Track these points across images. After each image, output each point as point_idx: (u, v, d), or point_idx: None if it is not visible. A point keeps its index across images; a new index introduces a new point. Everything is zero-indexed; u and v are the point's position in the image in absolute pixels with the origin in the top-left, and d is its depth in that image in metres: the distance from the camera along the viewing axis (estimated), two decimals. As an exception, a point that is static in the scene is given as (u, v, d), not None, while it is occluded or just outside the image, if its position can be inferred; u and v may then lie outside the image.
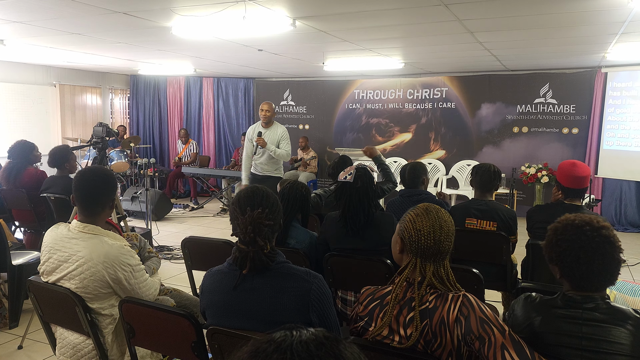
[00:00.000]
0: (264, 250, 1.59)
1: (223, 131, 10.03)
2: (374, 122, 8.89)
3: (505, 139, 8.00)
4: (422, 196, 3.60)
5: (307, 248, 2.77)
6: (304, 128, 9.47)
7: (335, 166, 4.00)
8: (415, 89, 8.52)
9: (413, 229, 1.62)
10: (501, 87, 7.93)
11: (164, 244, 5.94)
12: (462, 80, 8.20)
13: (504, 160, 7.80)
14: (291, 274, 1.67)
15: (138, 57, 7.27)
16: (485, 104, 8.07)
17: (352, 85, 8.99)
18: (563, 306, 1.50)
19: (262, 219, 1.62)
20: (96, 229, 2.17)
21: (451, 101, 8.27)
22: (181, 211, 8.29)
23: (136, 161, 8.26)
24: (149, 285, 2.26)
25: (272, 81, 9.73)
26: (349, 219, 2.75)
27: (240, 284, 1.67)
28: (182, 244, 3.02)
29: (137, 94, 10.22)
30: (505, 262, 3.17)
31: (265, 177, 5.68)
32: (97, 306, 2.13)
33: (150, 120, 10.30)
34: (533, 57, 6.51)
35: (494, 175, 3.30)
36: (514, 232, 3.27)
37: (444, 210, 1.65)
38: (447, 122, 8.35)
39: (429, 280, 1.58)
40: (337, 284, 2.76)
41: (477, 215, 3.27)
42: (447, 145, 8.40)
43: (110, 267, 2.09)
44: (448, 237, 1.60)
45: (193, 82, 10.05)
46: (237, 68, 8.29)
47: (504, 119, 7.97)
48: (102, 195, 2.20)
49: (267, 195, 1.74)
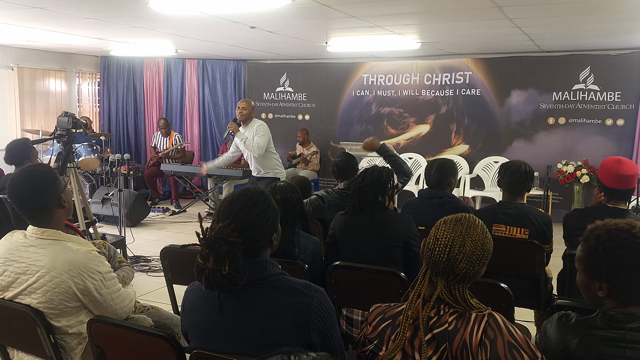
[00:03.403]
0: (221, 271, 1.58)
1: (209, 122, 10.04)
2: (386, 111, 8.89)
3: (538, 132, 7.99)
4: (444, 199, 3.59)
5: (310, 256, 2.78)
6: (304, 119, 9.48)
7: (339, 165, 4.01)
8: (433, 73, 8.51)
9: (433, 235, 1.64)
10: (534, 71, 7.91)
11: (140, 254, 5.94)
12: (489, 63, 8.19)
13: (537, 157, 7.79)
14: (288, 288, 1.68)
15: (110, 36, 7.28)
16: (515, 90, 8.06)
17: (360, 68, 8.99)
18: (603, 327, 1.50)
19: (225, 235, 1.61)
20: (56, 234, 2.17)
21: (476, 87, 8.27)
22: (160, 216, 8.31)
23: (107, 157, 8.28)
24: (124, 296, 2.26)
25: (266, 64, 9.73)
26: (354, 203, 2.93)
27: (227, 300, 1.68)
28: (162, 254, 3.03)
29: (108, 78, 10.23)
30: (539, 275, 3.17)
31: (260, 178, 5.77)
32: (63, 324, 2.13)
33: (124, 110, 10.31)
34: (572, 35, 6.50)
35: (526, 174, 3.30)
36: (549, 241, 3.27)
37: (485, 231, 1.63)
38: (471, 112, 8.34)
39: (439, 295, 1.58)
40: (341, 301, 2.76)
41: (506, 220, 3.27)
42: (471, 139, 8.40)
43: (77, 276, 2.09)
44: (470, 262, 1.58)
45: (174, 65, 10.06)
46: (226, 48, 8.29)
47: (537, 108, 7.96)
48: (43, 195, 2.19)
49: (252, 204, 1.72)
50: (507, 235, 3.26)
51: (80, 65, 9.94)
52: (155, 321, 2.60)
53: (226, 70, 9.86)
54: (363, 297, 2.68)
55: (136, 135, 10.41)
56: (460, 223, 1.62)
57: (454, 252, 1.58)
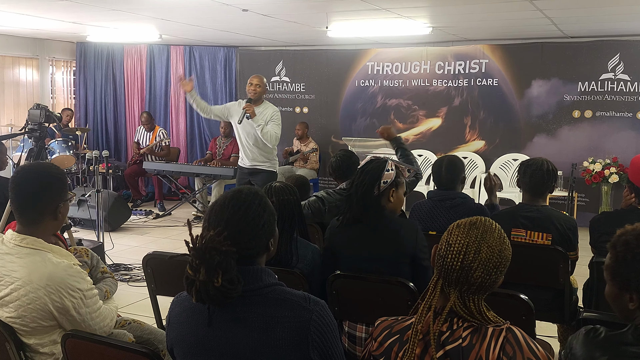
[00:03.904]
0: (214, 283, 1.59)
1: (197, 115, 10.01)
2: (393, 104, 8.89)
3: (562, 127, 7.99)
4: (456, 200, 3.60)
5: (309, 265, 2.78)
6: (302, 112, 9.48)
7: (338, 163, 4.00)
8: (446, 61, 8.51)
9: (445, 241, 1.64)
10: (558, 59, 7.91)
11: (120, 262, 5.93)
12: (507, 50, 8.19)
13: (561, 154, 7.79)
14: (285, 300, 1.68)
15: (87, 19, 7.27)
16: (536, 80, 8.06)
17: (365, 56, 8.99)
18: (635, 342, 1.50)
19: (217, 244, 1.61)
20: (37, 243, 2.18)
21: (493, 77, 8.27)
22: (142, 219, 8.31)
23: (84, 154, 8.28)
24: (104, 314, 2.26)
25: (260, 51, 9.73)
26: (348, 208, 2.85)
27: (218, 314, 1.68)
28: (144, 261, 3.02)
29: (85, 67, 10.23)
30: (563, 285, 3.17)
31: (255, 170, 5.65)
32: (34, 342, 2.14)
33: (102, 101, 10.31)
34: (599, 19, 6.50)
35: (548, 173, 3.30)
36: (574, 247, 3.27)
37: (503, 237, 1.63)
38: (487, 105, 8.34)
39: (452, 308, 1.58)
40: (343, 314, 2.76)
41: (526, 225, 3.27)
42: (487, 135, 8.40)
43: (54, 292, 2.09)
44: (486, 270, 1.58)
45: (158, 52, 10.06)
46: (215, 33, 8.29)
47: (560, 100, 7.96)
48: (41, 199, 2.21)
49: (246, 207, 1.72)
50: (527, 240, 3.26)
51: (54, 53, 9.94)
52: (137, 336, 2.60)
53: (216, 57, 9.86)
54: (368, 310, 2.68)
55: (116, 130, 10.41)
56: (475, 227, 1.62)
57: (469, 260, 1.58)
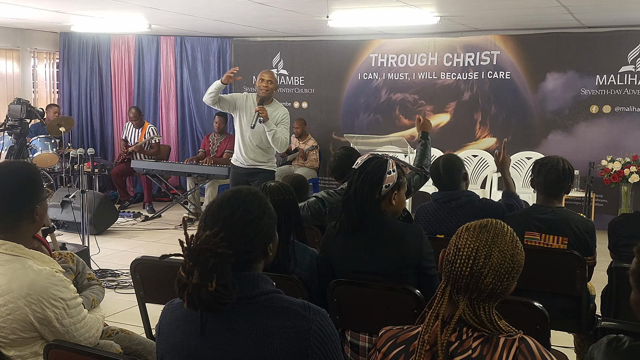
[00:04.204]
0: (207, 287, 1.58)
1: (189, 110, 10.04)
2: (398, 98, 8.89)
3: (579, 123, 7.99)
4: (462, 200, 3.61)
5: (308, 271, 2.77)
6: (301, 107, 9.48)
7: (338, 162, 3.98)
8: (454, 52, 8.51)
9: (454, 245, 1.64)
10: (574, 51, 7.91)
11: (107, 267, 5.92)
12: (520, 41, 8.19)
13: (577, 152, 7.79)
14: (283, 309, 1.68)
15: (71, 8, 7.27)
16: (551, 73, 8.06)
17: (368, 47, 8.99)
18: (660, 353, 1.50)
19: (213, 245, 1.61)
20: (17, 249, 2.17)
21: (505, 70, 8.27)
22: (130, 222, 8.30)
23: (68, 152, 8.27)
24: (89, 325, 2.26)
25: (256, 41, 9.72)
26: (344, 216, 2.78)
27: (211, 322, 1.68)
28: (132, 267, 3.02)
29: (69, 59, 10.23)
30: (580, 292, 3.16)
31: (254, 171, 5.64)
32: (14, 354, 2.13)
33: (87, 96, 10.31)
34: (618, 8, 6.49)
35: (564, 173, 3.30)
36: (592, 251, 3.27)
37: (516, 240, 1.62)
38: (498, 99, 8.34)
39: (461, 316, 1.58)
40: (345, 323, 2.75)
41: (541, 227, 3.27)
42: (498, 131, 8.39)
43: (36, 302, 2.09)
44: (498, 276, 1.58)
45: (147, 43, 10.06)
46: (208, 23, 8.29)
47: (577, 94, 7.96)
48: (15, 202, 2.20)
49: (245, 208, 1.72)
50: (541, 244, 3.26)
51: (36, 44, 9.94)
52: (124, 347, 2.60)
53: (209, 49, 9.86)
54: (371, 319, 2.67)
55: (102, 126, 10.41)
56: (486, 230, 1.62)
57: (479, 265, 1.57)
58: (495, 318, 1.60)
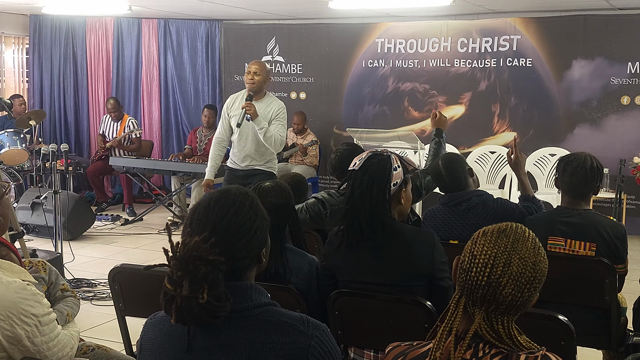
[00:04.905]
0: (198, 299, 1.57)
1: (173, 102, 10.04)
2: (407, 88, 8.89)
3: (608, 115, 7.99)
4: (473, 201, 3.62)
5: (306, 281, 2.77)
6: (298, 98, 9.48)
7: (340, 159, 3.98)
8: (470, 37, 8.51)
9: (469, 251, 1.63)
10: (603, 35, 7.91)
11: (82, 277, 5.92)
12: (543, 24, 8.19)
13: (607, 149, 7.80)
14: (279, 323, 1.67)
15: (42, -12, 7.27)
16: (578, 60, 8.06)
17: (373, 31, 8.99)
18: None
19: (203, 252, 1.60)
20: (-18, 258, 2.17)
21: (526, 56, 8.26)
22: (109, 225, 8.30)
23: (39, 148, 8.28)
24: (63, 342, 2.26)
25: (249, 25, 9.72)
26: (349, 226, 2.75)
27: (199, 338, 1.67)
28: (111, 276, 3.02)
29: (40, 44, 10.22)
30: (609, 304, 3.16)
31: (251, 172, 5.64)
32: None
33: (61, 85, 10.31)
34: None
35: (592, 171, 3.30)
36: (623, 259, 3.27)
37: (538, 247, 1.62)
38: (519, 89, 8.35)
39: (477, 331, 1.58)
40: (348, 339, 2.76)
41: (566, 232, 3.28)
42: (519, 125, 8.40)
43: (4, 319, 2.08)
44: (518, 286, 1.57)
45: (127, 27, 10.06)
46: (195, 4, 8.29)
47: (606, 83, 7.96)
48: None
49: (236, 210, 1.72)
50: (567, 251, 3.26)
51: (3, 27, 9.93)
52: (102, 365, 2.61)
53: (196, 33, 9.86)
54: (377, 334, 2.68)
55: (77, 119, 10.42)
56: (505, 235, 1.62)
57: (497, 274, 1.57)
58: (514, 333, 1.60)
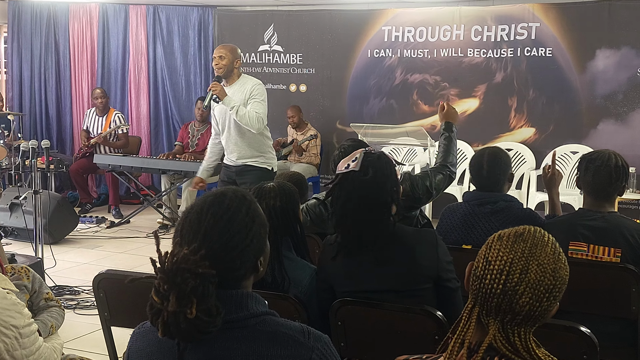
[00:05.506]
0: (186, 314, 1.57)
1: (163, 95, 10.05)
2: (416, 80, 8.89)
3: (635, 110, 7.97)
4: (499, 204, 3.61)
5: (306, 295, 2.77)
6: (298, 90, 9.48)
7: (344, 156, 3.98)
8: (485, 25, 8.50)
9: (484, 257, 1.63)
10: (630, 23, 7.89)
11: (65, 283, 5.93)
12: (565, 11, 8.18)
13: (634, 146, 7.79)
14: (278, 335, 1.68)
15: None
16: (602, 50, 8.05)
17: (380, 18, 8.99)
18: None
19: (192, 264, 1.59)
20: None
21: (545, 46, 8.26)
22: (93, 228, 8.31)
23: (18, 145, 8.29)
24: (44, 356, 2.26)
25: (244, 12, 9.72)
26: (346, 234, 2.74)
27: (191, 351, 1.67)
28: (95, 283, 3.02)
29: (19, 32, 10.23)
30: (636, 315, 3.17)
31: (243, 169, 5.62)
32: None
33: (41, 77, 10.31)
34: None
35: (617, 170, 3.30)
36: (651, 266, 3.28)
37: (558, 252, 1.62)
38: (538, 81, 8.34)
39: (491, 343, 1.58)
40: (352, 352, 2.76)
41: (589, 237, 3.27)
42: (538, 120, 8.40)
43: (-17, 331, 2.10)
44: (536, 295, 1.57)
45: (113, 14, 10.06)
46: (187, -11, 8.29)
47: (633, 75, 7.95)
48: None
49: (230, 216, 1.71)
50: (589, 257, 3.26)
51: (-21, 14, 9.95)
52: (86, 379, 2.62)
53: (187, 20, 9.86)
54: (383, 346, 2.68)
55: (59, 113, 10.42)
56: (523, 240, 1.62)
57: (513, 282, 1.57)
58: (532, 346, 1.60)
